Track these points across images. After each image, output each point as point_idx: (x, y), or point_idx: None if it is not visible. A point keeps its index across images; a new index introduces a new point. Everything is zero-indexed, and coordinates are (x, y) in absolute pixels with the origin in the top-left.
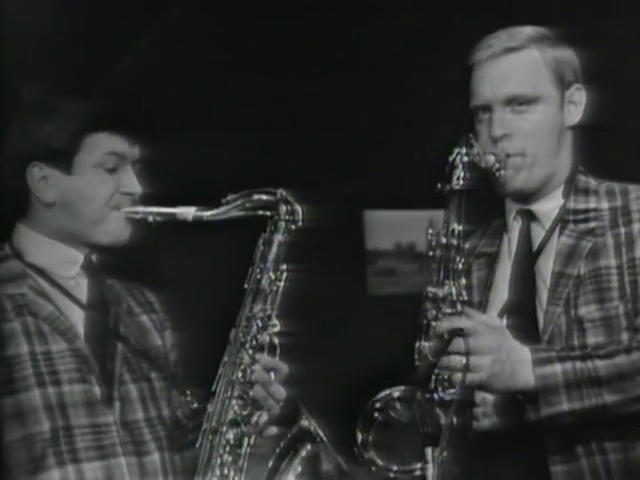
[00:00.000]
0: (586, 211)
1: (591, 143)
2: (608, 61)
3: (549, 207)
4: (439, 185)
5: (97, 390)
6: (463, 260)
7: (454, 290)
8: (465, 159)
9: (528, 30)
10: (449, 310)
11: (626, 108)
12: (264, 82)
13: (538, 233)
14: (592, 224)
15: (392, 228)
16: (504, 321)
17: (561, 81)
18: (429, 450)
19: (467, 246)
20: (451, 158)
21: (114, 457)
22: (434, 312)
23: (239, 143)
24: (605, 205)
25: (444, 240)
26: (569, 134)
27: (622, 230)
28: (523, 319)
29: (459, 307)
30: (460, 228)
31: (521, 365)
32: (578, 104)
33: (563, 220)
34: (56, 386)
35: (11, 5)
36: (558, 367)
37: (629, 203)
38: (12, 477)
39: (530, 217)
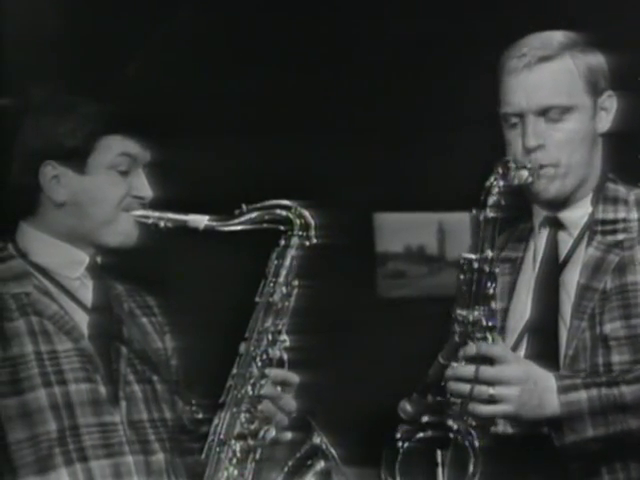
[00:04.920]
0: (614, 222)
1: (620, 150)
2: (635, 66)
3: (577, 215)
4: (474, 211)
5: (103, 389)
6: (494, 286)
7: (484, 315)
8: (501, 183)
9: (559, 36)
10: (478, 335)
11: None
12: (274, 84)
13: (565, 242)
14: (620, 236)
15: (402, 230)
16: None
17: (594, 89)
18: (439, 453)
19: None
20: (487, 184)
21: (121, 456)
22: (463, 336)
23: (248, 146)
24: (635, 215)
25: (476, 265)
26: (599, 141)
27: None
28: (545, 332)
29: (488, 334)
30: (493, 254)
31: (547, 393)
32: (609, 111)
33: (591, 230)
34: (62, 385)
35: (11, 5)
36: (583, 394)
37: None
38: (19, 477)
39: (558, 225)
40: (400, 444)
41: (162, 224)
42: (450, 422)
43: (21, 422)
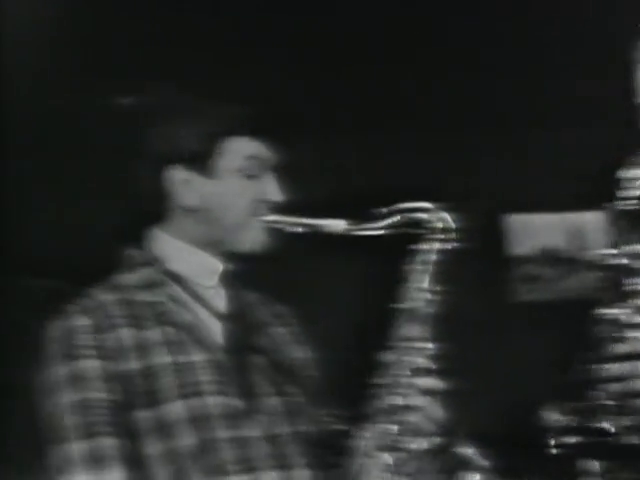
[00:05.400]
0: None
1: None
2: None
3: None
4: (609, 205)
5: (238, 402)
6: (638, 281)
7: (631, 312)
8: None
9: None
10: (628, 333)
11: None
12: (403, 83)
13: None
14: None
15: (532, 232)
16: None
17: None
18: (594, 463)
19: None
20: (623, 176)
21: (262, 470)
22: (609, 334)
23: (374, 147)
24: None
25: (616, 261)
26: None
27: None
28: None
29: (638, 332)
30: (633, 249)
31: None
32: None
33: None
34: (198, 398)
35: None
36: None
37: None
38: None
39: None
40: (550, 451)
41: (298, 230)
42: (605, 425)
43: (158, 434)
